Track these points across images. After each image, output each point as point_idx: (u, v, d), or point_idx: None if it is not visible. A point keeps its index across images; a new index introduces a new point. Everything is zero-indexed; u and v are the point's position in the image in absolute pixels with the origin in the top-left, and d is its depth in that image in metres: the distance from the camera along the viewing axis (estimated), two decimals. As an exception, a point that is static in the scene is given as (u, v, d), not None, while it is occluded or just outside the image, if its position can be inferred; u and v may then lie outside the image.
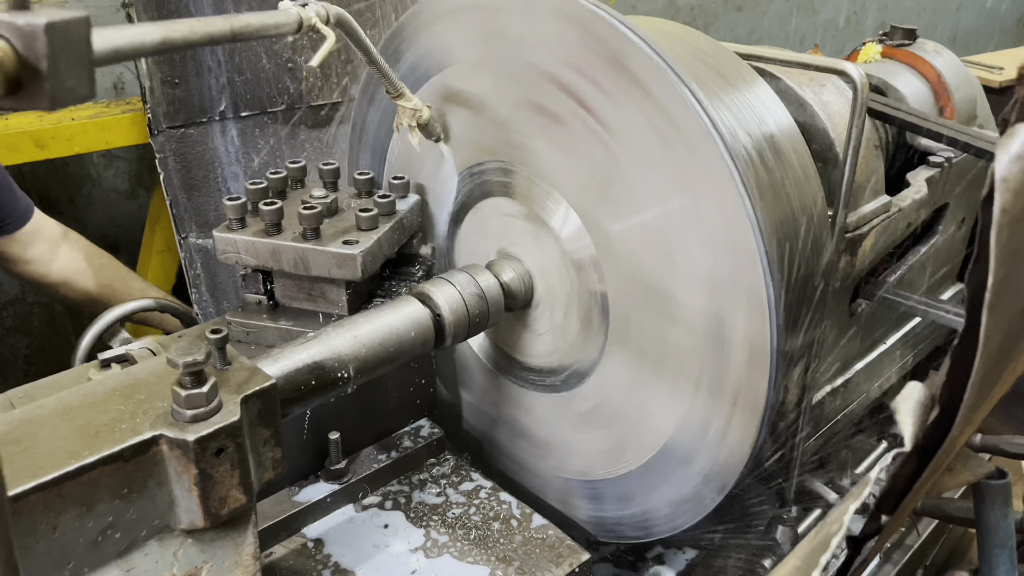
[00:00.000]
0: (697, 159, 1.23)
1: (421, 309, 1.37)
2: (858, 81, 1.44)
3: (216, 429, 0.99)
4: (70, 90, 0.52)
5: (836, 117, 1.64)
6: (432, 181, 1.68)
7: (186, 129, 2.08)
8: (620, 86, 1.28)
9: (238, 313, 1.48)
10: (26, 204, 2.05)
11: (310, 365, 1.21)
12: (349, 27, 1.22)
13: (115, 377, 1.08)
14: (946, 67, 2.17)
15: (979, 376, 0.61)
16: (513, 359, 1.68)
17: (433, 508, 1.49)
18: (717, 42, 1.60)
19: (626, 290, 1.40)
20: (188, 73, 2.03)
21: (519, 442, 1.74)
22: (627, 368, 1.46)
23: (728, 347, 1.30)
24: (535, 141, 1.46)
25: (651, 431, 1.46)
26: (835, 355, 1.87)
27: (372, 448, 1.57)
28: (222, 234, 1.42)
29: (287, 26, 1.02)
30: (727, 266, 1.25)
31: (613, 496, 1.58)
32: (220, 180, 2.16)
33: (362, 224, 1.43)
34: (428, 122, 1.51)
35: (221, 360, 1.08)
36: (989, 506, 1.15)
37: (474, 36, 1.50)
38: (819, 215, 1.50)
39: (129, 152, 2.92)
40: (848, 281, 1.73)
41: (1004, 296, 0.60)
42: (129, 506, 0.98)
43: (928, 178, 1.87)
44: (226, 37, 0.84)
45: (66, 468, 0.92)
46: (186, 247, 2.16)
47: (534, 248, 1.53)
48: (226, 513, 1.04)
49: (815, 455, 2.00)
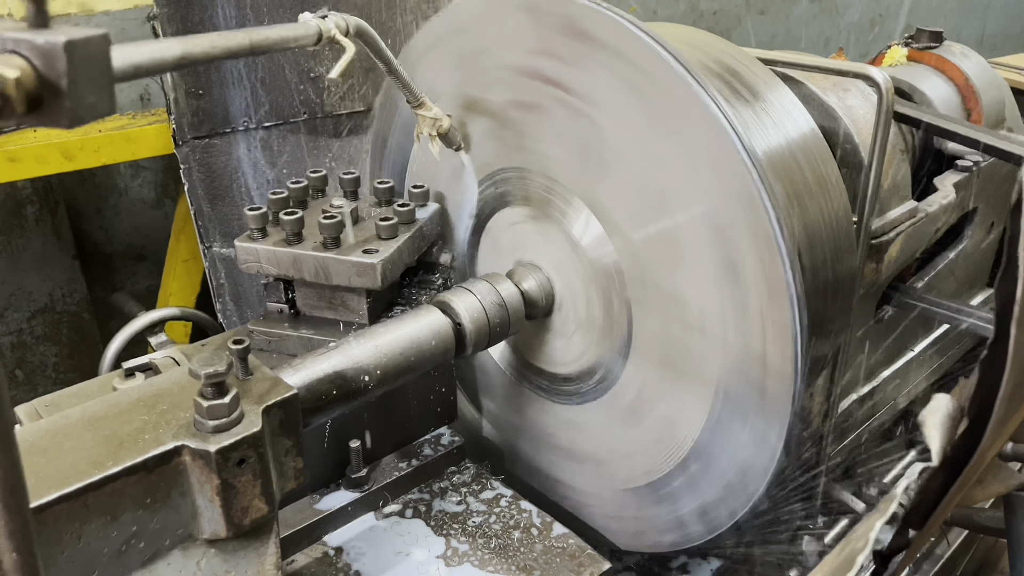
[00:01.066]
0: (716, 167, 1.22)
1: (442, 318, 1.37)
2: (883, 85, 1.43)
3: (238, 439, 0.99)
4: (90, 107, 0.53)
5: (861, 122, 1.62)
6: (453, 190, 1.68)
7: (210, 140, 2.10)
8: None
9: (260, 322, 1.49)
10: None
11: (331, 375, 1.21)
12: (369, 38, 1.23)
13: (139, 388, 1.09)
14: (973, 70, 2.14)
15: (1009, 388, 0.60)
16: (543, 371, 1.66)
17: (454, 516, 1.49)
18: (739, 48, 1.59)
19: (647, 296, 1.39)
20: (212, 84, 2.06)
21: (565, 463, 1.72)
22: (652, 375, 1.44)
23: (752, 353, 1.28)
24: (545, 144, 1.46)
25: (676, 436, 1.44)
26: (861, 362, 1.84)
27: (393, 456, 1.58)
28: (244, 244, 1.43)
29: (307, 38, 1.03)
30: (752, 273, 1.24)
31: (684, 487, 1.51)
32: (244, 190, 2.18)
33: (382, 233, 1.44)
34: (448, 131, 1.52)
35: (243, 370, 1.08)
36: (1021, 516, 1.12)
37: (449, 63, 1.55)
38: (844, 221, 1.48)
39: (155, 162, 2.96)
40: (874, 287, 1.71)
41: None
42: (153, 516, 0.98)
43: (956, 183, 1.84)
44: (245, 51, 0.84)
45: (91, 478, 0.93)
46: (210, 256, 2.18)
47: (554, 255, 1.53)
48: (248, 523, 1.04)
49: (842, 464, 1.97)
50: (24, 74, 0.49)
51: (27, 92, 0.49)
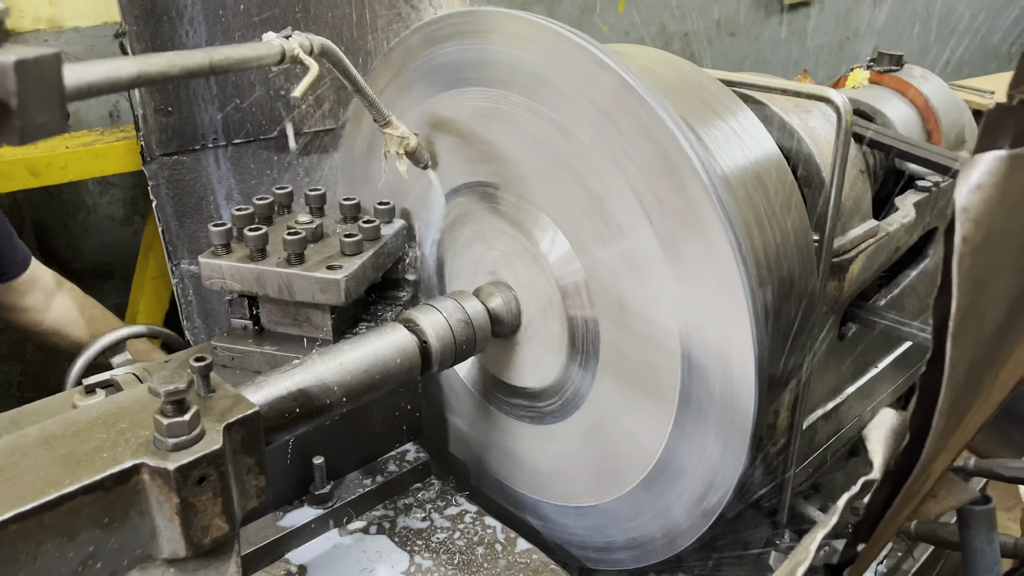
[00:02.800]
0: (676, 187, 1.24)
1: (407, 336, 1.37)
2: (841, 107, 1.46)
3: (198, 457, 0.99)
4: (41, 126, 0.53)
5: (822, 143, 1.65)
6: (420, 207, 1.69)
7: (179, 156, 2.10)
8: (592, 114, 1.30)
9: (224, 338, 1.48)
10: (24, 253, 2.08)
11: (295, 392, 1.21)
12: (334, 57, 1.24)
13: (98, 406, 1.08)
14: (933, 92, 2.19)
15: (947, 403, 0.62)
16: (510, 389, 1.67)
17: (418, 533, 1.49)
18: (701, 69, 1.62)
19: (613, 314, 1.41)
20: (181, 102, 2.05)
21: (532, 480, 1.73)
22: (617, 392, 1.46)
23: (712, 371, 1.30)
24: (512, 160, 1.48)
25: (641, 452, 1.45)
26: (826, 379, 1.87)
27: (357, 473, 1.58)
28: (207, 260, 1.43)
29: (269, 58, 1.03)
30: (710, 290, 1.25)
31: (647, 503, 1.56)
32: (213, 207, 2.18)
33: (346, 249, 1.44)
34: (416, 149, 1.53)
35: (205, 388, 1.08)
36: (974, 532, 1.14)
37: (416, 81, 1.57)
38: (805, 240, 1.51)
39: (124, 179, 2.94)
40: (837, 305, 1.74)
41: (969, 324, 0.61)
42: (111, 536, 0.97)
43: (916, 202, 1.88)
44: (205, 70, 0.85)
45: (47, 497, 0.92)
46: (178, 274, 2.17)
47: (522, 273, 1.54)
48: (208, 542, 1.03)
49: (808, 480, 1.99)
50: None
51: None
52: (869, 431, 0.68)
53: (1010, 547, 1.63)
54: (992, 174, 0.56)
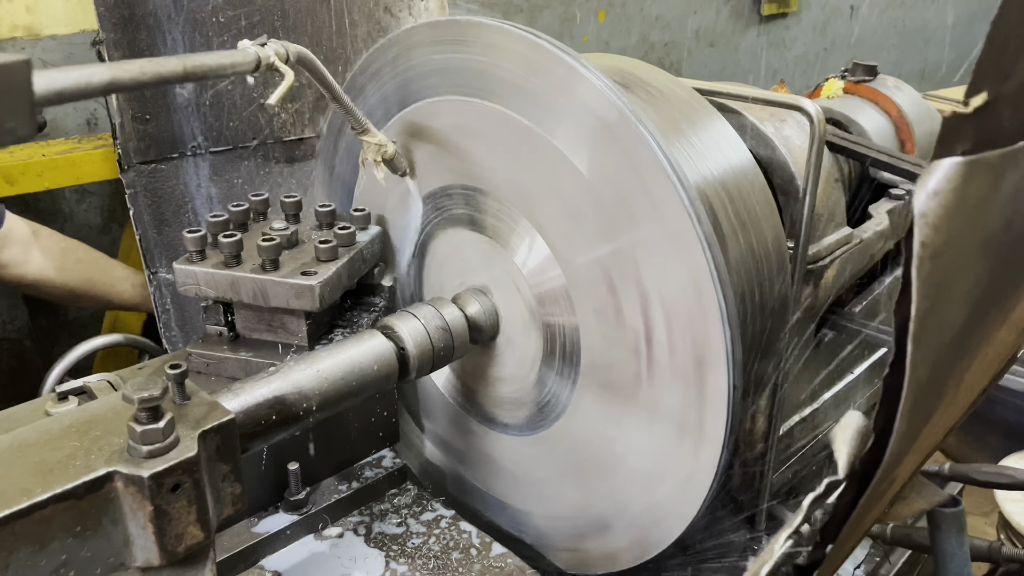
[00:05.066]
0: (650, 194, 1.25)
1: (384, 343, 1.37)
2: (815, 117, 1.48)
3: (172, 465, 0.98)
4: (10, 131, 0.53)
5: (797, 151, 1.67)
6: (398, 214, 1.69)
7: (157, 164, 2.09)
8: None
9: (199, 344, 1.48)
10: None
11: (271, 400, 1.21)
12: (311, 65, 1.24)
13: (71, 414, 1.07)
14: (907, 102, 2.23)
15: (908, 404, 0.63)
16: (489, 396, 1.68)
17: (393, 538, 1.50)
18: (675, 78, 1.64)
19: (591, 322, 1.42)
20: (159, 109, 2.05)
21: (489, 479, 1.74)
22: (595, 398, 1.46)
23: (687, 376, 1.31)
24: (491, 165, 1.48)
25: (614, 461, 1.46)
26: (802, 385, 1.89)
27: (333, 478, 1.58)
28: (182, 266, 1.43)
29: (244, 65, 1.04)
30: (685, 298, 1.27)
31: (577, 530, 1.58)
32: (191, 215, 2.17)
33: (321, 255, 1.44)
34: (393, 157, 1.53)
35: (180, 395, 1.07)
36: (944, 534, 1.16)
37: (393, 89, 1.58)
38: (779, 247, 1.53)
39: (102, 187, 2.92)
40: (812, 311, 1.75)
41: (929, 327, 0.62)
42: (83, 544, 0.97)
43: (889, 210, 1.91)
44: (178, 77, 0.85)
45: (18, 506, 0.91)
46: (156, 282, 2.16)
47: (500, 278, 1.55)
48: (183, 550, 1.03)
49: (786, 485, 2.01)
50: (-60, 98, 0.49)
51: (-57, 116, 0.49)
52: (835, 432, 0.69)
53: (984, 550, 1.66)
54: (949, 180, 0.58)
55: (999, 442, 3.26)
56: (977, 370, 0.83)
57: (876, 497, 0.73)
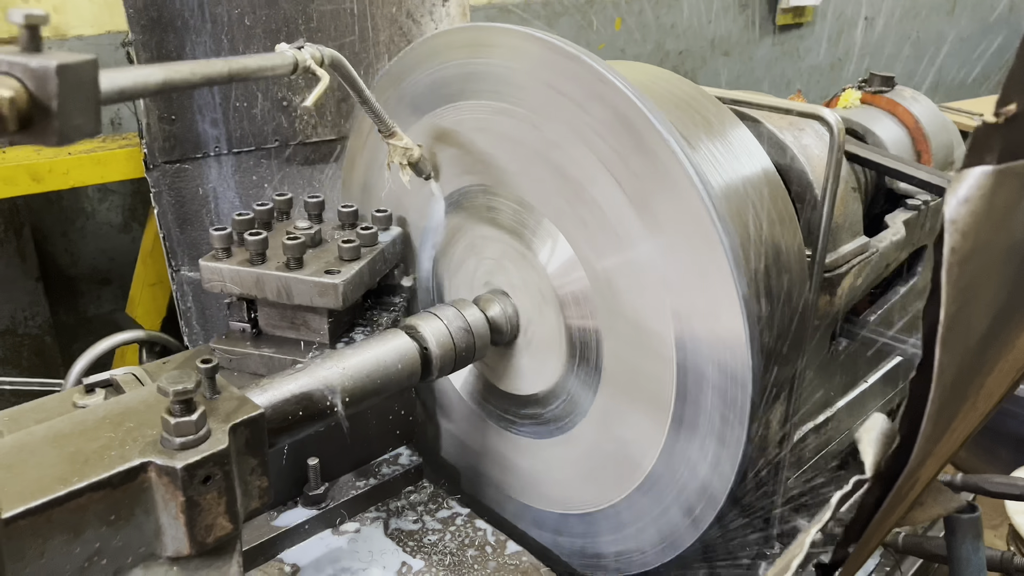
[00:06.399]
0: (675, 200, 1.27)
1: (408, 342, 1.39)
2: (835, 126, 1.49)
3: (204, 457, 1.01)
4: (77, 127, 0.56)
5: (815, 160, 1.69)
6: (421, 216, 1.71)
7: (181, 164, 2.12)
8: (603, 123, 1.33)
9: (222, 340, 1.51)
10: None
11: (298, 396, 1.23)
12: (343, 69, 1.27)
13: (105, 405, 1.10)
14: (923, 113, 2.24)
15: (935, 408, 0.65)
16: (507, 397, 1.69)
17: (410, 534, 1.52)
18: (698, 86, 1.66)
19: (613, 325, 1.43)
20: (184, 110, 2.08)
21: (505, 477, 1.76)
22: (614, 401, 1.48)
23: (707, 382, 1.32)
24: (515, 167, 1.50)
25: (632, 463, 1.48)
26: (817, 393, 1.90)
27: (351, 475, 1.60)
28: (208, 263, 1.46)
29: (283, 68, 1.06)
30: (706, 302, 1.28)
31: (637, 513, 1.58)
32: (214, 214, 2.20)
33: (344, 255, 1.47)
34: (419, 160, 1.56)
35: (210, 389, 1.10)
36: (960, 540, 1.17)
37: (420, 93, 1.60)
38: (797, 255, 1.54)
39: (124, 186, 2.96)
40: (828, 320, 1.77)
41: (956, 331, 0.64)
42: (116, 533, 0.99)
43: (906, 220, 1.92)
44: (224, 78, 0.88)
45: (55, 494, 0.93)
46: (178, 280, 2.19)
47: (521, 280, 1.56)
48: (212, 541, 1.05)
49: (799, 492, 2.02)
50: (17, 95, 0.51)
51: (19, 111, 0.52)
52: (860, 434, 0.70)
53: (996, 560, 1.66)
54: (979, 188, 0.59)
55: (1009, 455, 3.26)
56: (998, 376, 0.85)
57: (899, 498, 0.74)
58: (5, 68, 0.52)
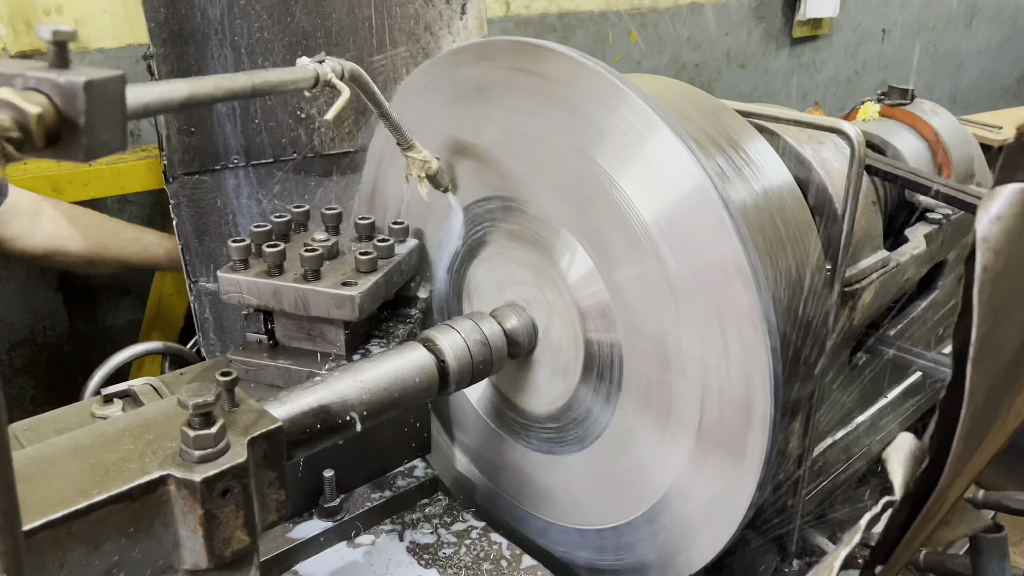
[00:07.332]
0: (694, 215, 1.26)
1: (426, 355, 1.39)
2: (855, 139, 1.48)
3: (223, 470, 1.00)
4: (104, 143, 0.56)
5: (835, 174, 1.68)
6: (439, 229, 1.71)
7: (200, 176, 2.13)
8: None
9: (239, 351, 1.51)
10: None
11: (316, 409, 1.23)
12: (363, 82, 1.27)
13: (125, 417, 1.10)
14: (943, 126, 2.22)
15: (965, 428, 0.63)
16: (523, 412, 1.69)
17: (425, 547, 1.51)
18: (718, 100, 1.65)
19: (633, 339, 1.42)
20: (203, 122, 2.09)
21: (522, 493, 1.75)
22: (635, 418, 1.47)
23: (726, 397, 1.31)
24: (533, 178, 1.50)
25: (651, 480, 1.46)
26: (836, 407, 1.88)
27: (366, 487, 1.60)
28: (226, 274, 1.46)
29: (304, 81, 1.07)
30: (730, 319, 1.27)
31: (656, 529, 1.57)
32: (232, 226, 2.21)
33: (361, 267, 1.48)
34: (437, 173, 1.56)
35: (229, 402, 1.10)
36: (986, 559, 1.15)
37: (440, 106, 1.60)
38: (817, 269, 1.53)
39: (142, 197, 2.97)
40: (848, 334, 1.75)
41: (988, 351, 0.62)
42: (135, 545, 0.99)
43: (926, 234, 1.90)
44: (247, 92, 0.88)
45: (75, 506, 0.93)
46: (196, 291, 2.19)
47: (540, 293, 1.56)
48: (230, 554, 1.05)
49: (817, 508, 2.00)
50: (45, 110, 0.52)
51: (47, 127, 0.52)
52: (888, 453, 0.69)
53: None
54: (1012, 206, 0.58)
55: (1031, 471, 3.22)
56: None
57: (928, 519, 0.73)
58: (33, 84, 0.52)
